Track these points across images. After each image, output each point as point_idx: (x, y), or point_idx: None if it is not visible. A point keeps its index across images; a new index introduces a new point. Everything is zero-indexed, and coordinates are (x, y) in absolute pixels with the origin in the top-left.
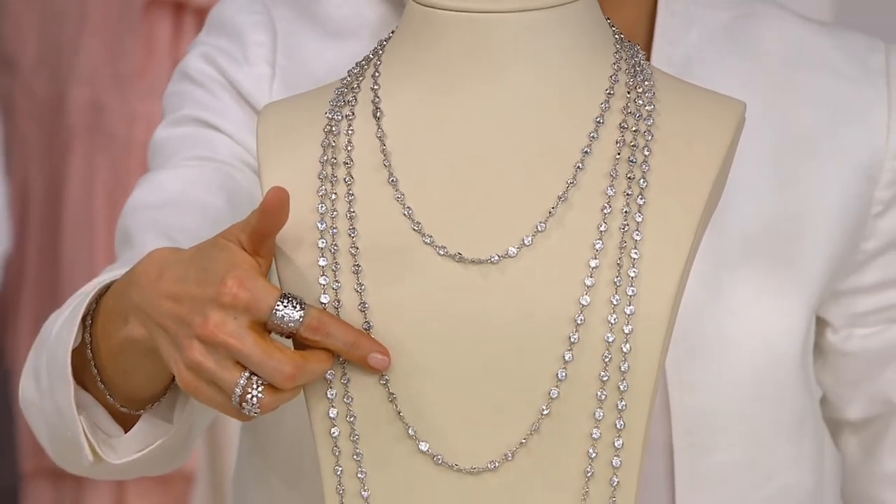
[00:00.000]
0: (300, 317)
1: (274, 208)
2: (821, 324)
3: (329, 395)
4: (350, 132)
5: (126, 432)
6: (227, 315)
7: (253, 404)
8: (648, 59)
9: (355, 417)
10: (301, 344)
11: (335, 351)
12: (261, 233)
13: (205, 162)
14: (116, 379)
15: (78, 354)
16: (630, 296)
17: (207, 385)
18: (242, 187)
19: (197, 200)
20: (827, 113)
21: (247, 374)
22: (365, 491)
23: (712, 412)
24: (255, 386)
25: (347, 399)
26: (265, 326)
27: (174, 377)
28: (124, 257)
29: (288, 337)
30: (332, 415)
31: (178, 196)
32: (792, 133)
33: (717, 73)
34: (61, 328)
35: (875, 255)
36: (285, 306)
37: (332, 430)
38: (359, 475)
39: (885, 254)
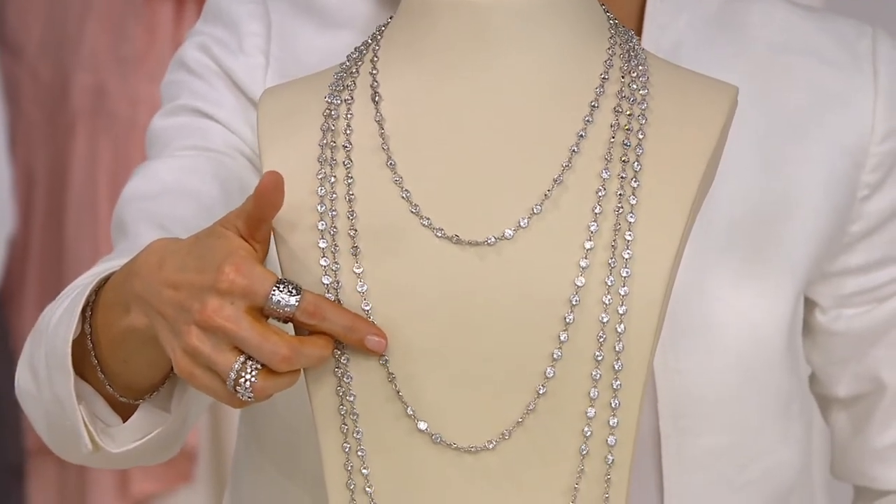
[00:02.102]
0: (296, 302)
1: (268, 192)
2: (809, 304)
3: (331, 374)
4: (349, 116)
5: (124, 422)
6: (225, 301)
7: (247, 388)
8: None
9: (355, 396)
10: (302, 330)
11: (333, 335)
12: (256, 217)
13: (200, 151)
14: (117, 368)
15: (77, 345)
16: (624, 277)
17: (203, 370)
18: (236, 176)
19: (191, 190)
20: (814, 98)
21: (242, 358)
22: (365, 469)
23: (698, 396)
24: (249, 370)
25: (347, 378)
26: (262, 312)
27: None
28: (119, 247)
29: (286, 322)
30: (335, 393)
31: (172, 186)
32: (779, 118)
33: (706, 58)
34: (60, 319)
35: (862, 238)
36: (281, 291)
37: (340, 407)
38: (358, 453)
39: (871, 236)
